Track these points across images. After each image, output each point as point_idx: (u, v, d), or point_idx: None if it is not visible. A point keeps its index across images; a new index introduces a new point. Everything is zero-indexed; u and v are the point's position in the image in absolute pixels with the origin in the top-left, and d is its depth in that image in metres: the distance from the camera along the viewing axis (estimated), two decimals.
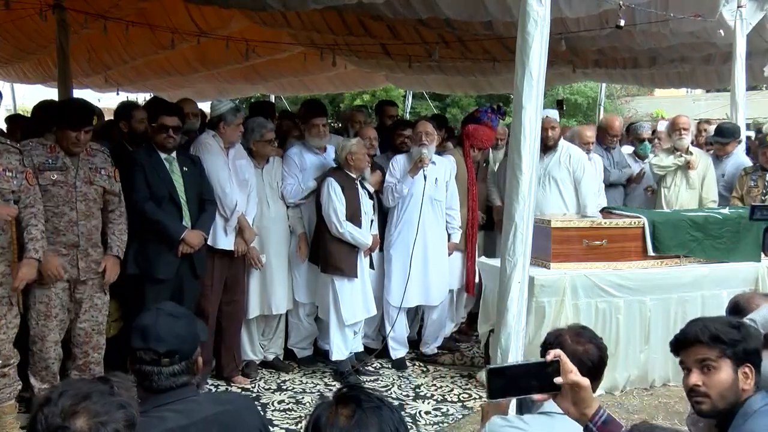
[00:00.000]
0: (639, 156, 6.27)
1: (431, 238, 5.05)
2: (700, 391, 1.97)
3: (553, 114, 5.29)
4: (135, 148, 4.42)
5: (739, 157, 5.82)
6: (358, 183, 4.76)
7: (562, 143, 5.32)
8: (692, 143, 6.33)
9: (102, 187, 3.81)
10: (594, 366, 2.10)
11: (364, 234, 4.72)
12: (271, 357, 4.99)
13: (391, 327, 5.02)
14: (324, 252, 4.68)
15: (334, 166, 4.82)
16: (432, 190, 5.00)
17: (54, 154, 3.65)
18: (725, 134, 5.84)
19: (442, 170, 5.10)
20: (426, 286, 5.07)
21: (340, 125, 6.31)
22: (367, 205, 4.80)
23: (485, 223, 5.70)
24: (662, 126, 7.17)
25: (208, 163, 4.37)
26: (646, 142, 6.27)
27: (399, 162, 5.04)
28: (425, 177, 4.91)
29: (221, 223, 4.41)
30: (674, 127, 5.83)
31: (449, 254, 5.19)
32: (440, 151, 5.28)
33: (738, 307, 2.61)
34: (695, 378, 1.98)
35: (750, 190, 5.44)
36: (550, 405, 2.09)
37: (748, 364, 1.96)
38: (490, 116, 5.44)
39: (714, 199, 5.66)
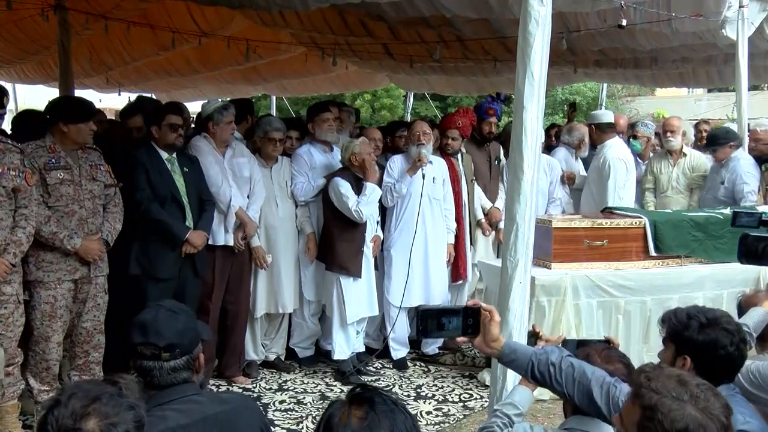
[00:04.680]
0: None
1: (431, 237, 5.06)
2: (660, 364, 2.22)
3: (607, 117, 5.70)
4: (135, 149, 4.43)
5: (737, 164, 5.52)
6: (364, 183, 4.76)
7: (606, 144, 5.54)
8: (692, 145, 6.35)
9: (103, 183, 3.83)
10: None
11: (367, 191, 4.62)
12: (272, 357, 4.99)
13: (392, 327, 5.03)
14: (330, 251, 4.69)
15: (341, 165, 4.84)
16: (431, 189, 5.01)
17: (55, 154, 3.66)
18: (714, 141, 5.76)
19: (439, 170, 5.11)
20: (427, 286, 5.08)
21: None
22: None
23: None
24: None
25: (201, 163, 4.38)
26: (632, 140, 6.27)
27: (396, 162, 5.05)
28: (424, 176, 4.91)
29: (221, 220, 4.41)
30: (663, 129, 5.99)
31: (447, 259, 5.19)
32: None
33: (740, 309, 2.64)
34: (661, 352, 2.29)
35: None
36: (575, 422, 2.10)
37: (686, 356, 2.15)
38: (492, 104, 5.53)
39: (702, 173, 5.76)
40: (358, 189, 4.68)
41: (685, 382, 1.60)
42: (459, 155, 5.42)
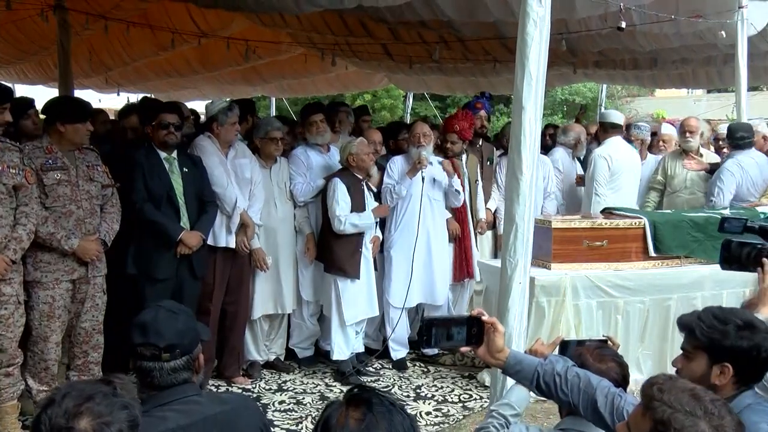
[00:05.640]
0: None
1: (432, 238, 5.06)
2: (680, 374, 2.01)
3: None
4: (135, 149, 4.43)
5: (725, 162, 5.53)
6: (363, 184, 4.77)
7: (604, 143, 5.65)
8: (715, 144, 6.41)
9: (100, 184, 3.84)
10: (617, 383, 2.10)
11: (366, 215, 4.68)
12: (272, 357, 4.99)
13: (392, 328, 5.03)
14: (328, 252, 4.70)
15: (339, 165, 4.85)
16: (430, 191, 5.00)
17: (52, 154, 3.66)
18: (727, 135, 5.82)
19: (440, 171, 5.10)
20: (428, 286, 5.08)
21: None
22: (371, 206, 4.80)
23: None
24: (664, 129, 7.16)
25: (205, 163, 4.38)
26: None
27: (397, 163, 5.05)
28: (423, 178, 4.91)
29: (224, 221, 4.41)
30: (681, 130, 6.01)
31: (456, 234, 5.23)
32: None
33: None
34: (677, 361, 2.08)
35: None
36: (570, 423, 2.10)
37: (727, 363, 1.97)
38: (479, 99, 5.60)
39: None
40: (357, 190, 4.68)
41: (699, 397, 1.56)
42: (464, 156, 5.42)
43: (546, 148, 6.34)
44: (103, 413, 1.43)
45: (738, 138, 5.47)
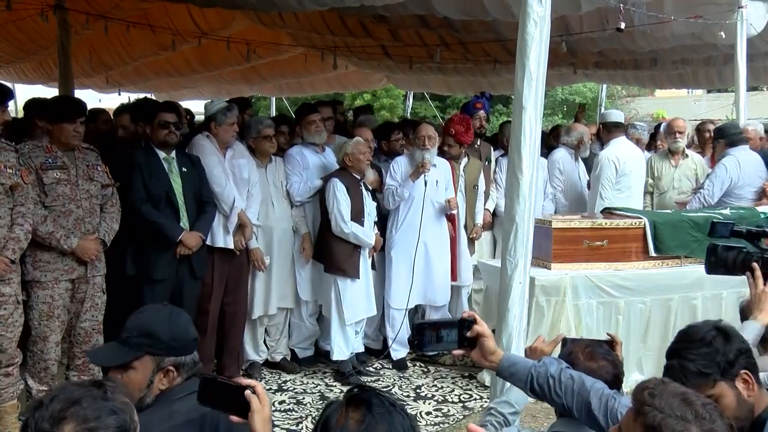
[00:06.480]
0: None
1: (433, 240, 5.06)
2: None
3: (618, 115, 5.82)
4: (133, 149, 4.42)
5: (721, 159, 5.45)
6: (362, 184, 4.77)
7: (609, 143, 5.58)
8: (690, 146, 6.37)
9: (100, 183, 3.84)
10: (609, 383, 2.07)
11: (368, 234, 4.72)
12: (278, 358, 4.99)
13: (393, 329, 5.02)
14: (327, 252, 4.70)
15: (334, 164, 4.86)
16: (433, 193, 5.00)
17: (52, 153, 3.66)
18: (715, 136, 5.80)
19: (442, 172, 5.10)
20: (428, 287, 5.09)
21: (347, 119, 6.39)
22: (369, 206, 4.81)
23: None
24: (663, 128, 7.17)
25: (204, 163, 4.38)
26: None
27: (400, 164, 5.04)
28: (426, 182, 4.91)
29: (221, 220, 4.41)
30: (669, 130, 5.99)
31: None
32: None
33: (742, 313, 2.60)
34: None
35: None
36: (561, 425, 2.10)
37: (742, 371, 1.87)
38: (479, 99, 5.64)
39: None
40: (356, 190, 4.69)
41: (690, 401, 1.53)
42: (464, 160, 5.41)
43: (552, 149, 6.35)
44: (89, 418, 1.38)
45: (735, 134, 5.45)
